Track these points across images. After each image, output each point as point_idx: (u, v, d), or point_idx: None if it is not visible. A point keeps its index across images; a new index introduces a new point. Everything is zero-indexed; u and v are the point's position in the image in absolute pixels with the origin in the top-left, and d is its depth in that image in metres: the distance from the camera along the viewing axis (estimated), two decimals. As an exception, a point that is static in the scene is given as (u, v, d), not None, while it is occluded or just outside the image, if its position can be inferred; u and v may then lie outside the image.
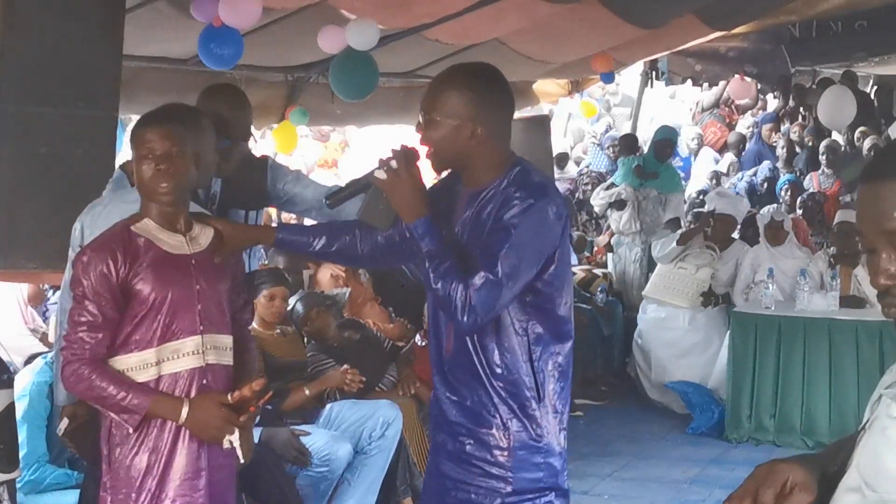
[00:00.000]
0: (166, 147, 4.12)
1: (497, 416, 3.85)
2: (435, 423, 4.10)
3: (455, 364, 3.93)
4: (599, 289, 11.91)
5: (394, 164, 3.81)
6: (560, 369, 3.90)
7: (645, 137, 15.27)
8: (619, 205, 12.57)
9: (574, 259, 12.40)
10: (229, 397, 4.13)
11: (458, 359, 3.91)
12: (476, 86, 3.86)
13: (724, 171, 15.83)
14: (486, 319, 3.72)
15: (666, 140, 13.01)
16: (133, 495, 4.13)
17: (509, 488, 3.86)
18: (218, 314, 4.25)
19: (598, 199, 12.95)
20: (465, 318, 3.68)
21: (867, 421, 2.27)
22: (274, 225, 5.08)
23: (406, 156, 3.84)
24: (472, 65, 4.08)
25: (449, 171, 4.03)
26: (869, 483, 2.17)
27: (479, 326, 3.75)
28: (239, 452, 4.19)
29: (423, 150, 3.91)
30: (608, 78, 12.97)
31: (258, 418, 5.57)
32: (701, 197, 13.79)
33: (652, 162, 12.72)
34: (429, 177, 4.02)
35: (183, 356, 4.14)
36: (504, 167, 3.85)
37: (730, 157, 16.41)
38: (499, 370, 3.84)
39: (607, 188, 12.84)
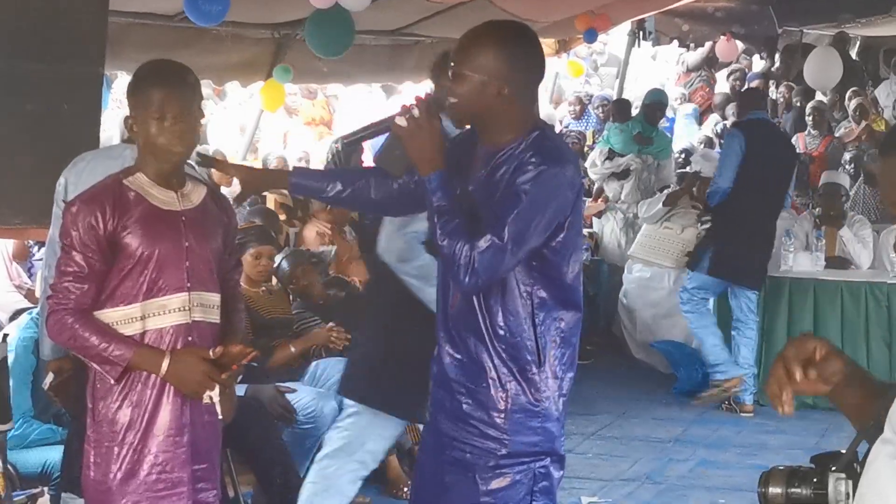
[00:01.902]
0: (182, 107, 4.11)
1: (496, 377, 3.86)
2: (435, 380, 4.09)
3: (459, 321, 3.93)
4: (584, 247, 11.92)
5: (416, 112, 3.79)
6: (563, 335, 3.91)
7: (630, 98, 15.18)
8: (623, 174, 12.35)
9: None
10: (211, 353, 4.14)
11: (462, 317, 3.92)
12: (510, 45, 3.84)
13: (713, 134, 15.70)
14: (487, 283, 3.74)
15: (657, 103, 12.89)
16: (115, 449, 4.13)
17: (504, 450, 3.87)
18: (206, 272, 4.24)
19: (601, 170, 12.52)
20: (467, 280, 3.69)
21: None
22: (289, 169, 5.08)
23: (428, 105, 3.82)
24: (509, 23, 4.08)
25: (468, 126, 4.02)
26: None
27: (479, 289, 3.76)
28: (218, 409, 4.20)
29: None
30: (591, 37, 12.90)
31: (243, 375, 5.59)
32: (683, 156, 13.72)
33: (646, 127, 12.61)
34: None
35: (169, 312, 4.14)
36: (524, 130, 3.83)
37: (715, 117, 16.36)
38: (501, 332, 3.85)
39: (607, 158, 12.47)
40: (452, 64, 3.87)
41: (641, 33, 14.70)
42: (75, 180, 4.85)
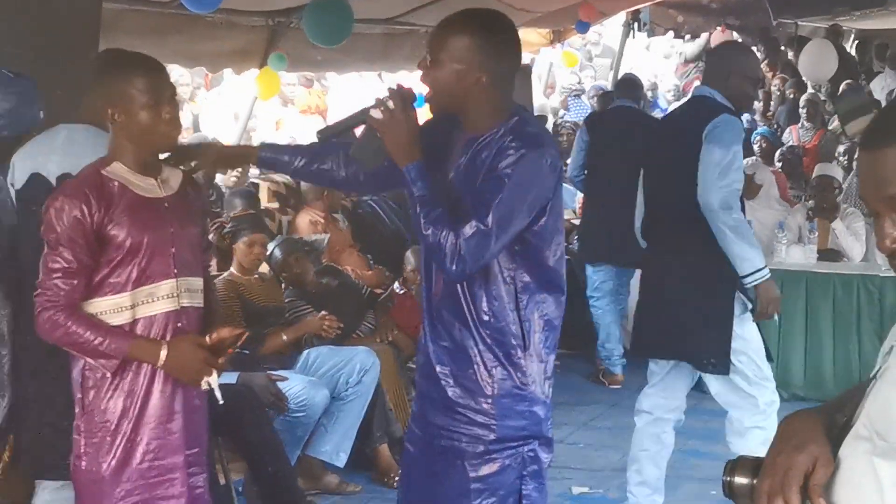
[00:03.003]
0: (171, 92, 4.15)
1: (482, 362, 3.86)
2: (421, 369, 4.11)
3: (443, 309, 3.93)
4: (575, 237, 11.89)
5: (390, 104, 3.78)
6: (546, 318, 3.91)
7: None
8: None
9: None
10: (207, 339, 4.14)
11: (446, 304, 3.91)
12: (486, 33, 3.83)
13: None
14: (474, 269, 3.73)
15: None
16: (108, 438, 4.13)
17: (493, 436, 3.88)
18: (191, 257, 4.25)
19: None
20: (454, 267, 3.69)
21: (878, 370, 2.29)
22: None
23: (403, 97, 3.81)
24: (486, 11, 4.04)
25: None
26: (880, 433, 2.18)
27: (466, 276, 3.76)
28: (218, 394, 4.20)
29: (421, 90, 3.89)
30: (583, 28, 12.89)
31: (234, 363, 5.59)
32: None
33: None
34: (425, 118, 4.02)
35: (158, 300, 4.14)
36: (503, 116, 3.83)
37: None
38: (486, 317, 3.85)
39: None
40: (428, 52, 3.87)
41: (636, 24, 14.70)
42: (20, 159, 4.84)
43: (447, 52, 3.81)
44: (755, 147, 13.56)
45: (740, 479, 2.39)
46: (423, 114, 4.02)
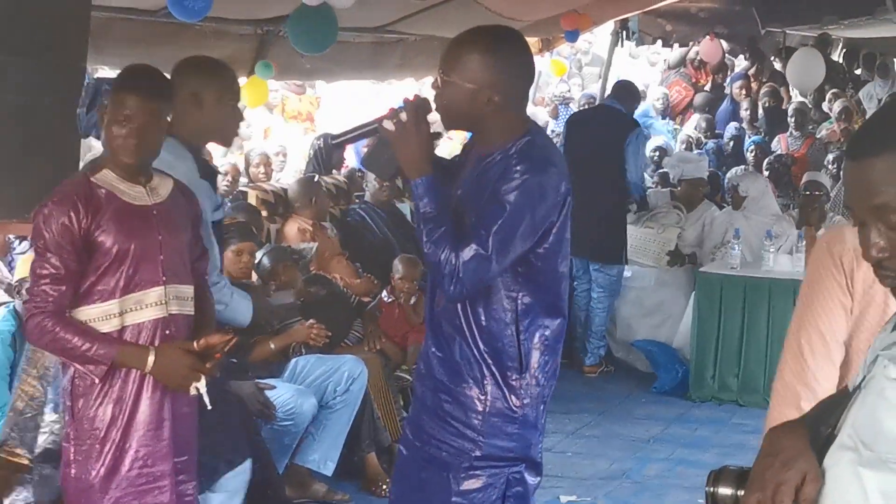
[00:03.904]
0: (143, 119, 4.12)
1: (478, 378, 3.86)
2: (419, 376, 4.11)
3: (444, 320, 3.93)
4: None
5: (404, 116, 3.76)
6: (547, 343, 3.89)
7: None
8: None
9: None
10: (195, 345, 4.14)
11: (447, 316, 3.91)
12: (499, 52, 3.80)
13: (700, 133, 15.67)
14: (472, 291, 3.73)
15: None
16: (97, 446, 4.14)
17: (478, 452, 3.88)
18: (180, 264, 4.26)
19: None
20: (452, 288, 3.69)
21: (863, 380, 2.29)
22: None
23: (417, 109, 3.79)
24: (498, 29, 4.00)
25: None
26: (866, 443, 2.18)
27: (465, 297, 3.76)
28: (206, 399, 4.21)
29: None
30: (572, 37, 12.90)
31: (223, 372, 5.57)
32: (658, 154, 13.73)
33: None
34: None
35: (146, 307, 4.15)
36: (514, 135, 3.80)
37: (696, 118, 16.36)
38: (485, 335, 3.84)
39: None
40: (441, 71, 3.83)
41: (625, 33, 14.71)
42: None
43: (459, 71, 3.77)
44: (749, 156, 13.58)
45: (724, 490, 2.39)
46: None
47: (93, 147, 9.21)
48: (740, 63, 17.84)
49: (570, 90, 17.73)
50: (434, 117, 3.85)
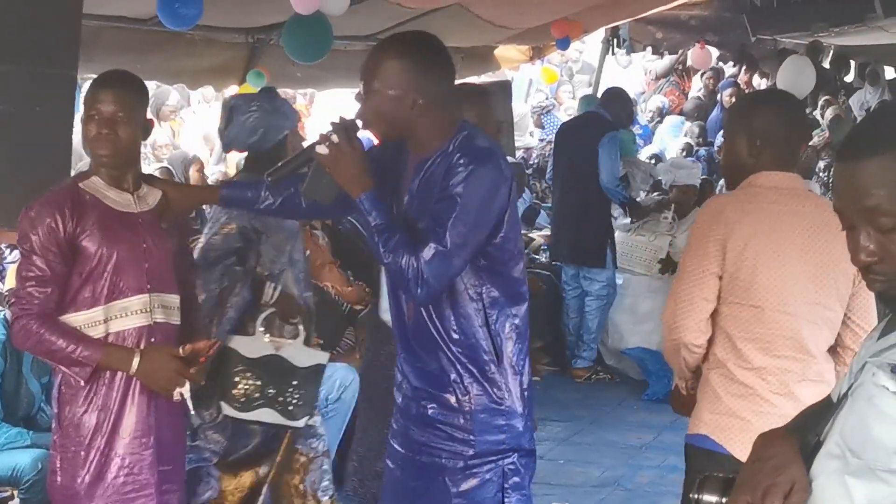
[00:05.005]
0: (112, 112, 4.11)
1: (458, 380, 3.87)
2: (399, 388, 4.11)
3: (415, 332, 3.94)
4: (542, 247, 11.88)
5: (335, 138, 3.77)
6: (517, 331, 3.92)
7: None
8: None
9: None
10: (181, 350, 4.14)
11: (418, 327, 3.92)
12: (415, 55, 3.83)
13: (693, 140, 15.69)
14: (440, 290, 3.75)
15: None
16: (82, 453, 4.14)
17: (471, 451, 3.89)
18: (165, 273, 4.26)
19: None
20: (419, 291, 3.70)
21: (850, 387, 2.28)
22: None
23: (346, 129, 3.80)
24: (411, 34, 4.09)
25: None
26: (854, 451, 2.18)
27: (433, 298, 3.77)
28: (189, 404, 4.22)
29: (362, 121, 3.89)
30: (563, 45, 12.91)
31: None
32: (654, 161, 13.74)
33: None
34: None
35: (131, 314, 4.15)
36: (449, 134, 3.83)
37: (688, 125, 16.38)
38: (456, 336, 3.86)
39: None
40: (362, 82, 3.86)
41: (615, 41, 14.72)
42: None
43: (379, 79, 3.80)
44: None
45: (708, 497, 2.40)
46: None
47: (83, 157, 9.22)
48: (729, 70, 17.85)
49: (547, 98, 17.75)
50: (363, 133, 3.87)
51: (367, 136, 3.94)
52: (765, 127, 4.16)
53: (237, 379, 5.29)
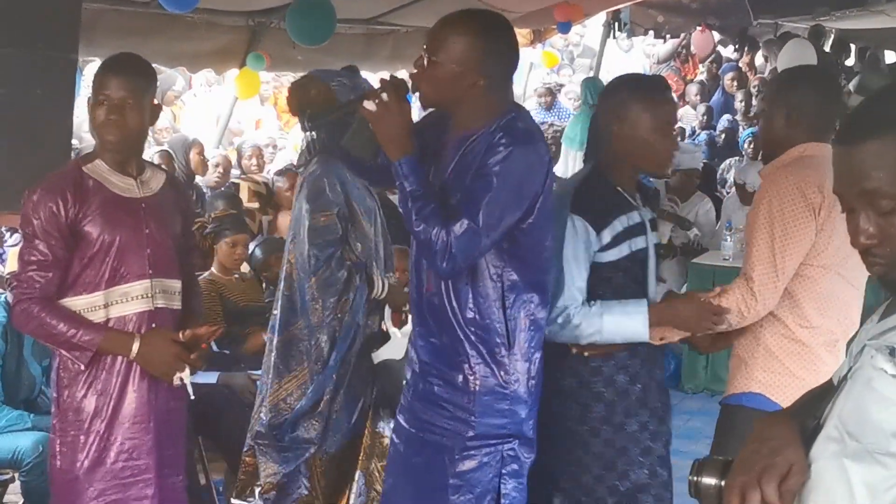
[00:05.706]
0: (121, 97, 4.10)
1: (466, 359, 3.87)
2: (409, 362, 4.10)
3: (431, 305, 3.93)
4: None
5: (384, 96, 3.75)
6: (532, 318, 3.90)
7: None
8: None
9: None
10: (181, 335, 4.14)
11: (435, 299, 3.91)
12: (485, 35, 3.81)
13: (701, 122, 15.63)
14: (464, 266, 3.74)
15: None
16: (81, 437, 4.14)
17: (471, 432, 3.88)
18: (167, 258, 4.25)
19: None
20: (444, 264, 3.69)
21: (849, 371, 2.28)
22: None
23: (397, 88, 3.78)
24: (485, 13, 4.02)
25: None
26: (852, 433, 2.18)
27: (457, 273, 3.76)
28: (189, 389, 4.21)
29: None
30: (564, 28, 12.90)
31: (215, 363, 5.57)
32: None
33: None
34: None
35: (132, 299, 4.14)
36: (496, 116, 3.80)
37: (688, 109, 16.35)
38: (470, 314, 3.85)
39: None
40: (426, 51, 3.82)
41: (616, 24, 14.69)
42: None
43: (446, 52, 3.77)
44: (747, 147, 13.53)
45: (707, 480, 2.40)
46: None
47: (83, 139, 9.22)
48: (728, 54, 17.83)
49: (553, 79, 17.71)
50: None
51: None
52: (800, 99, 4.35)
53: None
